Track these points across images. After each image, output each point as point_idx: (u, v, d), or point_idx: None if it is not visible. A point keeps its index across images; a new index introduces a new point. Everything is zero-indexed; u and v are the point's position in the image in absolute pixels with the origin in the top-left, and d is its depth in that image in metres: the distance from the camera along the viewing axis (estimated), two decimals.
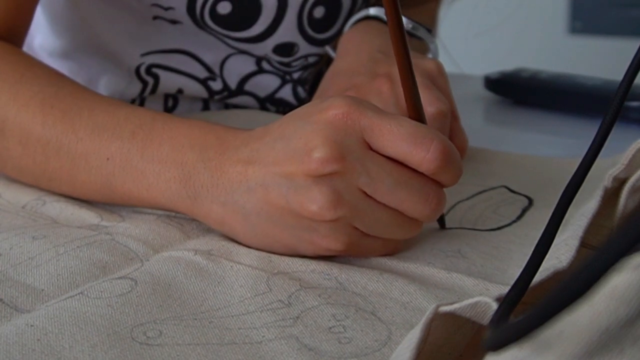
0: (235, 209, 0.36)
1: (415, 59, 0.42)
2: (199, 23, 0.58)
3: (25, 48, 0.60)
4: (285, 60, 0.63)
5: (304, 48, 0.63)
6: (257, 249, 0.37)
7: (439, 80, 0.50)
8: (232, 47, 0.61)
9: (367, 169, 0.33)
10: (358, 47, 0.55)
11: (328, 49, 0.64)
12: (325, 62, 0.68)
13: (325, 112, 0.34)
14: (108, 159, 0.40)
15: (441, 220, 0.41)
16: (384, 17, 0.57)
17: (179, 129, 0.39)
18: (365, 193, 0.34)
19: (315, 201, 0.33)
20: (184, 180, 0.38)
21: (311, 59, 0.65)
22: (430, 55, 0.58)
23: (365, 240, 0.35)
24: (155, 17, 0.58)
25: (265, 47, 0.61)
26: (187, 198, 0.38)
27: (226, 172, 0.36)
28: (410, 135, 0.33)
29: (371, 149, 0.34)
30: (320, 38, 0.63)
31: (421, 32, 0.57)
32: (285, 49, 0.62)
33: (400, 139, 0.33)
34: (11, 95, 0.43)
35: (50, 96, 0.43)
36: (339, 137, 0.33)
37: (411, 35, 0.57)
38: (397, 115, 0.34)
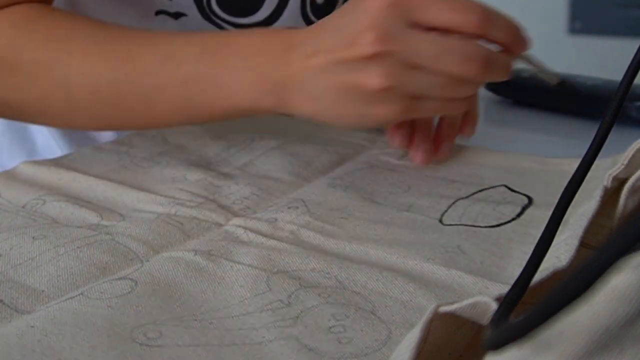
0: (308, 95, 0.41)
1: None
2: (205, 11, 0.57)
3: None
4: None
5: None
6: (338, 125, 0.43)
7: None
8: None
9: (413, 43, 0.38)
10: None
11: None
12: None
13: (373, 1, 0.39)
14: (183, 83, 0.43)
15: (559, 82, 0.44)
16: None
17: (242, 39, 0.43)
18: (413, 64, 0.38)
19: (368, 77, 0.38)
20: (259, 82, 0.42)
21: None
22: None
23: (420, 103, 0.40)
24: (158, 12, 0.58)
25: None
26: (265, 96, 0.42)
27: (294, 66, 0.41)
28: (454, 4, 0.38)
29: (415, 25, 0.38)
30: None
31: None
32: None
33: (445, 8, 0.38)
34: (68, 52, 0.45)
35: (106, 42, 0.45)
36: (384, 19, 0.38)
37: None
38: None
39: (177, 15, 0.58)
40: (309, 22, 0.62)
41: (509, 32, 0.39)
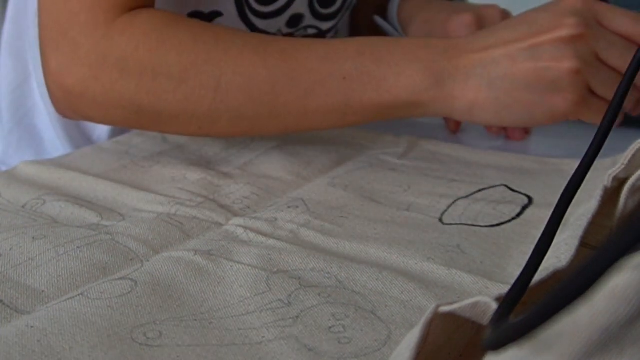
0: (479, 81, 0.43)
1: (478, 8, 0.55)
2: (240, 2, 0.58)
3: (25, 44, 0.60)
4: (291, 30, 0.64)
5: (308, 19, 0.64)
6: (494, 120, 0.45)
7: None
8: (255, 29, 0.62)
9: (605, 36, 0.42)
10: (427, 9, 0.62)
11: (378, 19, 0.66)
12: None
13: (564, 2, 0.43)
14: (345, 78, 0.45)
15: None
16: None
17: (401, 41, 0.45)
18: (600, 59, 0.43)
19: (563, 58, 0.42)
20: (424, 72, 0.44)
21: (310, 31, 0.66)
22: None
23: (593, 101, 0.43)
24: (191, 14, 0.58)
25: (279, 21, 0.62)
26: (429, 86, 0.44)
27: (466, 56, 0.44)
28: (631, 15, 0.43)
29: (601, 25, 0.43)
30: (324, 12, 0.65)
31: None
32: (295, 19, 0.63)
33: (629, 18, 0.43)
34: (220, 51, 0.45)
35: (259, 44, 0.45)
36: (580, 12, 0.42)
37: None
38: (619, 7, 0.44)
39: (211, 16, 0.58)
40: (312, 10, 0.64)
41: None
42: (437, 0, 0.65)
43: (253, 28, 0.62)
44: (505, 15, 0.57)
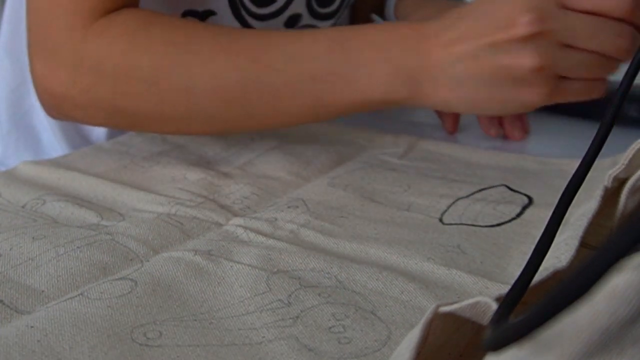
0: (449, 81, 0.42)
1: None
2: (235, 2, 0.58)
3: (22, 45, 0.60)
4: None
5: (306, 19, 0.64)
6: (471, 113, 0.45)
7: None
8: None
9: (567, 24, 0.40)
10: (422, 8, 0.61)
11: (374, 17, 0.66)
12: None
13: None
14: (313, 79, 0.43)
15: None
16: None
17: (371, 34, 0.44)
18: (564, 44, 0.40)
19: (523, 57, 0.39)
20: (395, 72, 0.42)
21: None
22: None
23: (565, 84, 0.42)
24: (185, 13, 0.58)
25: (278, 22, 0.62)
26: (401, 87, 0.43)
27: (434, 53, 0.42)
28: None
29: (566, 8, 0.40)
30: (322, 12, 0.65)
31: None
32: (292, 20, 0.63)
33: None
34: (190, 54, 0.45)
35: (229, 44, 0.45)
36: (537, 2, 0.40)
37: None
38: None
39: (205, 15, 0.58)
40: (310, 10, 0.63)
41: None
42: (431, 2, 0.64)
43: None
44: None
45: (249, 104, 0.45)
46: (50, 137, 0.70)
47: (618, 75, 0.39)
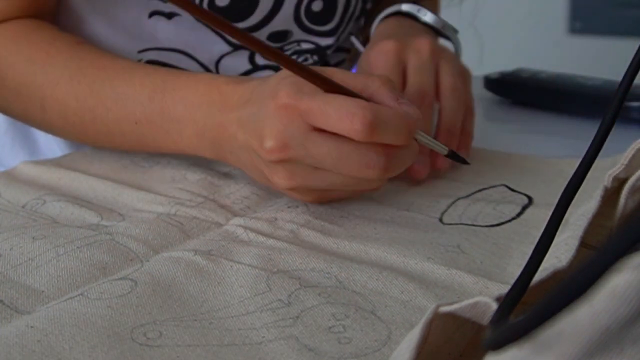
0: (238, 159, 0.43)
1: (410, 38, 0.51)
2: None
3: None
4: (279, 45, 0.64)
5: (298, 34, 0.63)
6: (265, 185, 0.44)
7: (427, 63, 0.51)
8: (228, 41, 0.61)
9: (310, 152, 0.38)
10: (397, 32, 0.58)
11: (354, 39, 0.65)
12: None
13: (272, 101, 0.39)
14: (136, 123, 0.47)
15: (454, 156, 0.44)
16: (417, 15, 0.60)
17: (187, 88, 0.45)
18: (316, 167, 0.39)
19: (274, 175, 0.40)
20: (199, 136, 0.44)
21: (304, 45, 0.65)
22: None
23: (333, 193, 0.42)
24: (152, 14, 0.58)
25: (260, 36, 0.61)
26: (206, 149, 0.45)
27: (227, 131, 0.42)
28: (336, 111, 0.37)
29: (316, 129, 0.38)
30: (318, 29, 0.64)
31: (449, 32, 0.60)
32: (279, 35, 0.62)
33: (329, 117, 0.37)
34: (43, 76, 0.49)
35: (75, 72, 0.49)
36: (282, 126, 0.38)
37: (440, 34, 0.60)
38: (330, 95, 0.38)
39: (171, 15, 0.59)
40: (302, 26, 0.62)
41: (397, 132, 0.38)
42: (409, 25, 0.60)
43: (227, 41, 0.61)
44: (433, 47, 0.51)
45: (88, 132, 0.49)
46: (47, 136, 0.70)
47: (617, 75, 0.39)
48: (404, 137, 0.38)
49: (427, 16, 0.59)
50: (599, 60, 1.59)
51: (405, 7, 0.60)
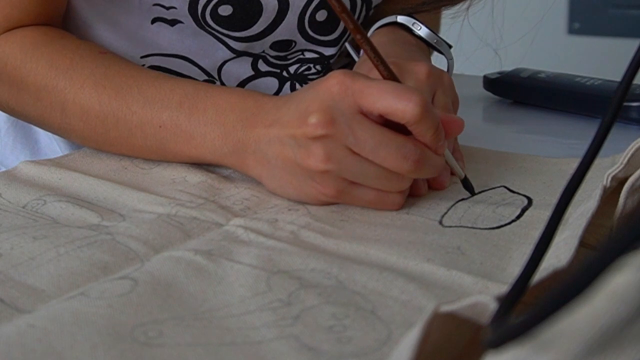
0: (262, 156, 0.44)
1: (407, 63, 0.50)
2: (200, 22, 0.58)
3: None
4: (282, 54, 0.64)
5: (301, 44, 0.63)
6: (276, 193, 0.44)
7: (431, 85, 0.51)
8: (230, 48, 0.61)
9: (354, 132, 0.39)
10: (392, 44, 0.58)
11: (348, 46, 0.65)
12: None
13: (325, 81, 0.41)
14: (160, 126, 0.47)
15: (466, 184, 0.45)
16: (412, 28, 0.61)
17: (221, 96, 0.47)
18: (353, 151, 0.40)
19: (311, 156, 0.40)
20: (224, 137, 0.45)
21: (308, 54, 0.65)
22: (446, 70, 0.61)
23: (356, 190, 0.42)
24: (154, 20, 0.58)
25: (263, 44, 0.62)
26: (227, 152, 0.45)
27: (256, 129, 0.44)
28: (394, 90, 0.39)
29: (362, 112, 0.40)
30: (322, 39, 0.64)
31: (443, 47, 0.61)
32: (282, 44, 0.62)
33: (385, 94, 0.39)
34: (67, 80, 0.50)
35: (101, 78, 0.50)
36: (332, 102, 0.40)
37: (433, 48, 0.61)
38: (384, 80, 0.41)
39: (173, 22, 0.59)
40: (305, 36, 0.62)
41: (439, 131, 0.40)
42: (403, 38, 0.60)
43: (230, 48, 0.61)
44: (430, 73, 0.50)
45: (108, 136, 0.50)
46: (48, 136, 0.70)
47: (616, 76, 0.39)
48: (442, 138, 0.41)
49: (422, 30, 0.60)
50: (597, 60, 1.59)
51: (400, 19, 0.61)
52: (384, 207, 0.43)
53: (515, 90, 0.73)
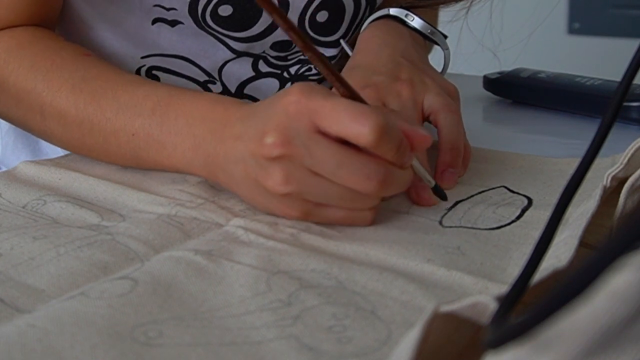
0: (230, 175, 0.42)
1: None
2: (200, 23, 0.58)
3: None
4: (282, 54, 0.63)
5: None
6: (253, 207, 0.43)
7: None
8: (231, 48, 0.61)
9: (312, 152, 0.37)
10: (379, 47, 0.56)
11: (343, 42, 0.64)
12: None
13: (283, 99, 0.38)
14: (133, 134, 0.46)
15: (438, 192, 0.44)
16: (405, 19, 0.59)
17: (192, 103, 0.45)
18: (313, 171, 0.38)
19: (269, 178, 0.38)
20: (195, 150, 0.44)
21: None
22: (443, 61, 0.61)
23: (323, 211, 0.40)
24: (155, 21, 0.58)
25: (264, 45, 0.62)
26: (199, 165, 0.44)
27: (224, 144, 0.42)
28: (350, 112, 0.37)
29: (320, 132, 0.37)
30: (323, 40, 0.64)
31: (438, 37, 0.60)
32: (283, 45, 0.62)
33: (341, 116, 0.37)
34: (45, 83, 0.49)
35: (78, 81, 0.49)
36: (288, 122, 0.38)
37: (428, 39, 0.60)
38: (342, 98, 0.38)
39: (174, 23, 0.59)
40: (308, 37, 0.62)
41: (403, 148, 0.38)
42: (396, 31, 0.58)
43: (230, 48, 0.61)
44: (413, 86, 0.50)
45: (85, 141, 0.49)
46: None
47: (616, 76, 0.39)
48: (407, 154, 0.38)
49: (415, 21, 0.59)
50: (597, 60, 1.59)
51: (393, 11, 0.60)
52: (354, 224, 0.41)
53: (515, 90, 0.73)
